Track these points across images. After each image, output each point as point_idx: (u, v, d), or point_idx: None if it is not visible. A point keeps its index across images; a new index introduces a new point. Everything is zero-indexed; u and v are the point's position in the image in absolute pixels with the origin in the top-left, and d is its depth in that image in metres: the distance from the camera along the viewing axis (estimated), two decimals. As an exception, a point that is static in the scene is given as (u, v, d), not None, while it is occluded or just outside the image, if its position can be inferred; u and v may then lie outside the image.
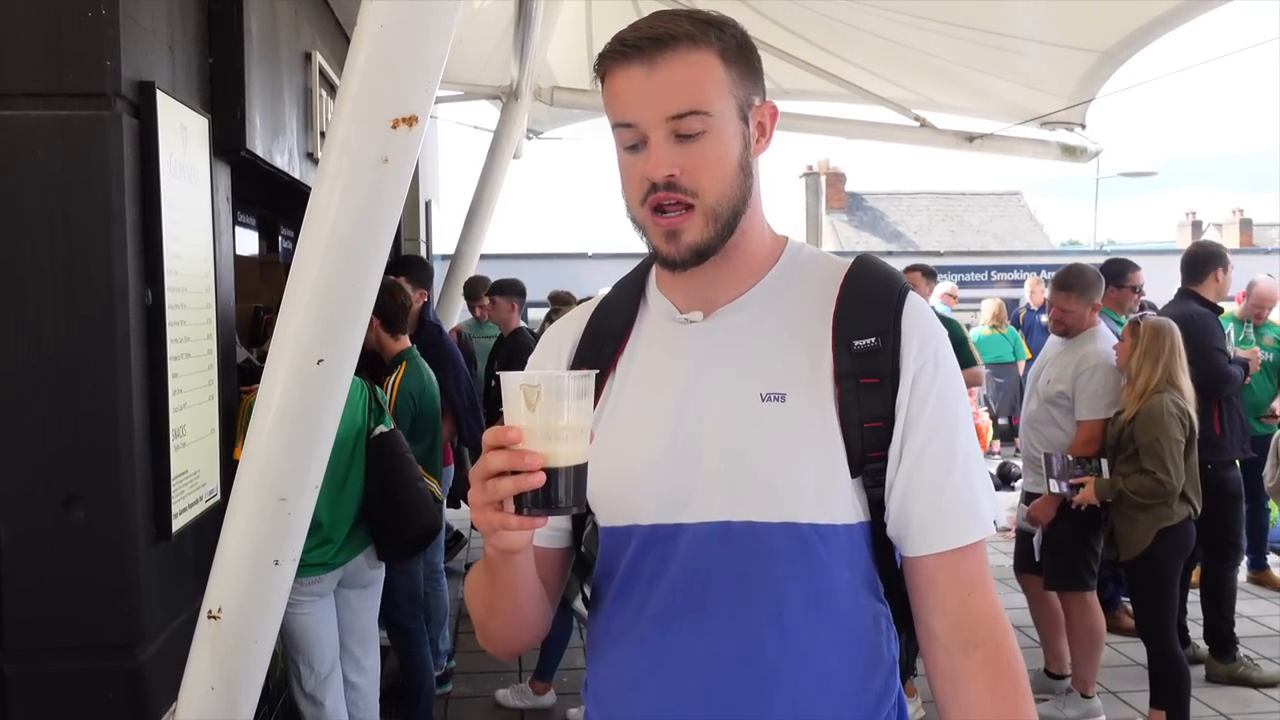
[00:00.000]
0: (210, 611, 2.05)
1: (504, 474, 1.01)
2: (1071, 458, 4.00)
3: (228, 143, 2.84)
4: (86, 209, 2.11)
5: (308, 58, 3.84)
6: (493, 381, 5.99)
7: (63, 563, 2.14)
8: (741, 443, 1.19)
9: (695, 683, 1.20)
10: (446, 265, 7.77)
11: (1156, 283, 5.13)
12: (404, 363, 3.90)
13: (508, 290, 6.00)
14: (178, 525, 2.36)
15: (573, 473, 1.03)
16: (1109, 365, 4.02)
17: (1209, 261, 4.73)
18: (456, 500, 5.61)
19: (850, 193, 27.50)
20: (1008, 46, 5.23)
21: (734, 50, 1.21)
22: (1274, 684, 4.58)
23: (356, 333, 2.02)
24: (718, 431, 1.21)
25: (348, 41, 1.99)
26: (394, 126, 1.82)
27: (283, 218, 5.76)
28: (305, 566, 2.15)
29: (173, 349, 2.32)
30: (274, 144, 3.26)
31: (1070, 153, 6.71)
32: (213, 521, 2.35)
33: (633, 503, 1.23)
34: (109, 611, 2.19)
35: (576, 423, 1.03)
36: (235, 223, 3.25)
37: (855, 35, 5.45)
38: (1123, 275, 4.88)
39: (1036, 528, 4.18)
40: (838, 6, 5.07)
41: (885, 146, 9.17)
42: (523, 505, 1.02)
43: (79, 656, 2.18)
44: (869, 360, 1.20)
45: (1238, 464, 4.75)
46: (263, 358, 2.41)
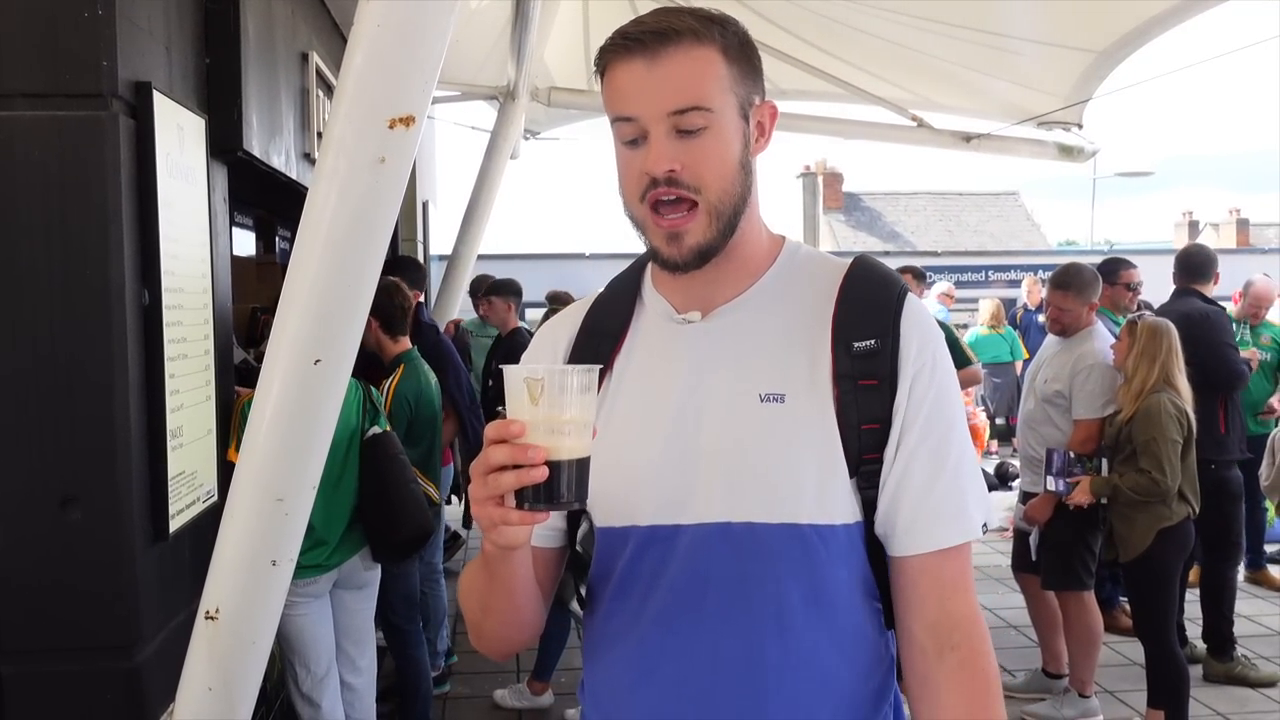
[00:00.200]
0: (208, 612, 2.05)
1: (505, 468, 1.00)
2: (1073, 454, 4.01)
3: (225, 143, 2.83)
4: (83, 209, 2.10)
5: (304, 58, 3.83)
6: (489, 381, 5.97)
7: (60, 564, 2.14)
8: (741, 443, 1.19)
9: (695, 683, 1.20)
10: (444, 266, 7.76)
11: (1154, 283, 5.15)
12: (402, 365, 3.88)
13: (504, 290, 5.99)
14: (175, 526, 2.36)
15: (575, 467, 1.01)
16: (1106, 365, 4.02)
17: (1210, 262, 4.85)
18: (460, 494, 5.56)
19: (847, 193, 27.50)
20: (1005, 46, 5.23)
21: (736, 48, 1.20)
22: (1271, 683, 4.59)
23: (354, 333, 2.02)
24: (717, 432, 1.20)
25: (345, 42, 1.99)
26: (391, 126, 1.82)
27: (280, 218, 5.75)
28: (300, 568, 2.15)
29: (170, 349, 2.32)
30: (271, 144, 3.26)
31: (1067, 153, 6.70)
32: (210, 522, 2.35)
33: (631, 503, 1.23)
34: (106, 612, 2.18)
35: (580, 417, 1.01)
36: (232, 223, 3.25)
37: (852, 35, 5.44)
38: (1116, 273, 4.90)
39: (1033, 527, 4.19)
40: (834, 6, 5.07)
41: (882, 146, 9.17)
42: (524, 500, 1.00)
43: (76, 658, 2.18)
44: (868, 362, 1.20)
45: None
46: (260, 358, 2.40)
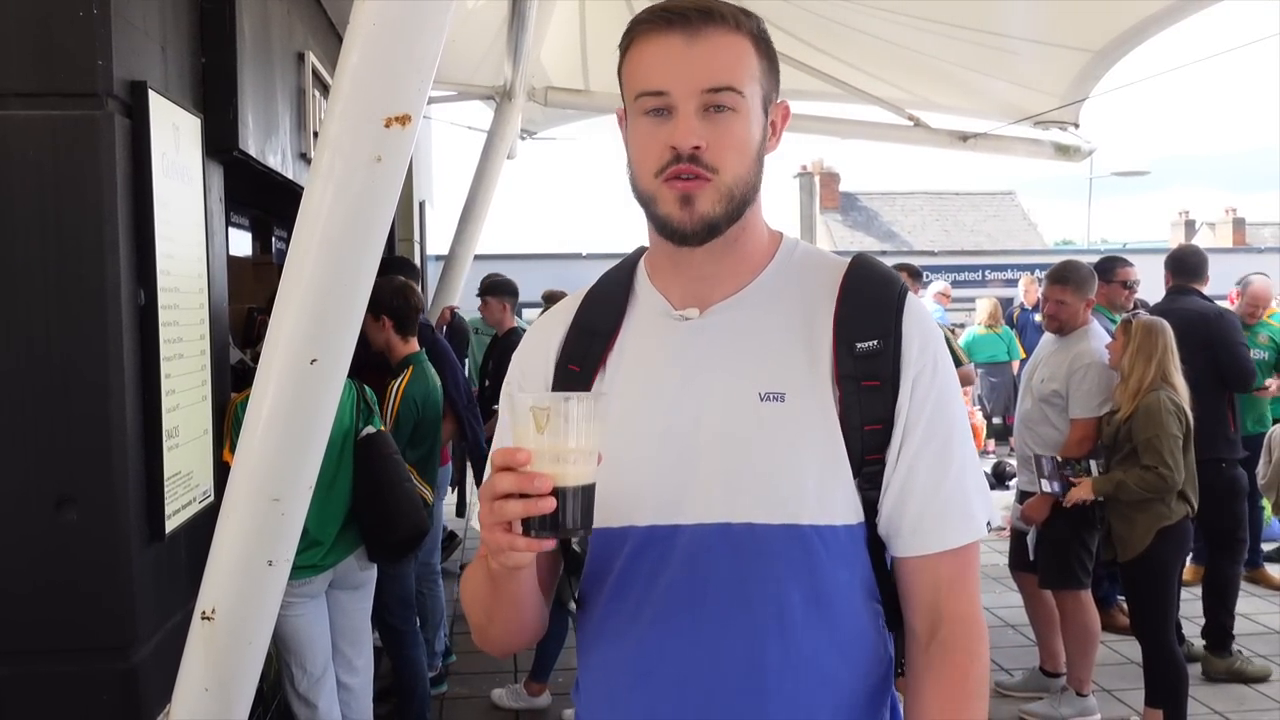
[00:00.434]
0: (204, 612, 2.04)
1: (512, 495, 1.02)
2: (1060, 459, 4.01)
3: (220, 143, 2.83)
4: (78, 209, 2.09)
5: (300, 57, 3.82)
6: (486, 382, 5.97)
7: (55, 564, 2.13)
8: (741, 443, 1.19)
9: (695, 684, 1.19)
10: (440, 266, 7.75)
11: (1151, 282, 5.16)
12: (410, 367, 3.85)
13: (499, 290, 5.97)
14: (171, 526, 2.35)
15: (581, 494, 1.04)
16: (1102, 364, 4.02)
17: (1205, 262, 4.91)
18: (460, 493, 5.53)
19: (844, 192, 27.53)
20: (1001, 46, 5.23)
21: (764, 44, 1.22)
22: (1265, 678, 4.61)
23: (350, 333, 2.02)
24: (716, 431, 1.20)
25: (340, 41, 1.98)
26: (387, 125, 1.81)
27: (276, 218, 5.74)
28: (295, 569, 2.14)
29: (165, 349, 2.31)
30: (267, 144, 3.25)
31: (1064, 152, 6.70)
32: (206, 522, 2.34)
33: (628, 503, 1.22)
34: (102, 613, 2.18)
35: (586, 445, 1.04)
36: (228, 223, 3.24)
37: (849, 35, 5.44)
38: (1112, 271, 4.93)
39: (1030, 527, 4.19)
40: (831, 6, 5.06)
41: (879, 146, 9.16)
42: (530, 527, 1.03)
43: (72, 658, 2.17)
44: (871, 362, 1.19)
45: (1235, 462, 4.77)
46: (256, 358, 2.40)
